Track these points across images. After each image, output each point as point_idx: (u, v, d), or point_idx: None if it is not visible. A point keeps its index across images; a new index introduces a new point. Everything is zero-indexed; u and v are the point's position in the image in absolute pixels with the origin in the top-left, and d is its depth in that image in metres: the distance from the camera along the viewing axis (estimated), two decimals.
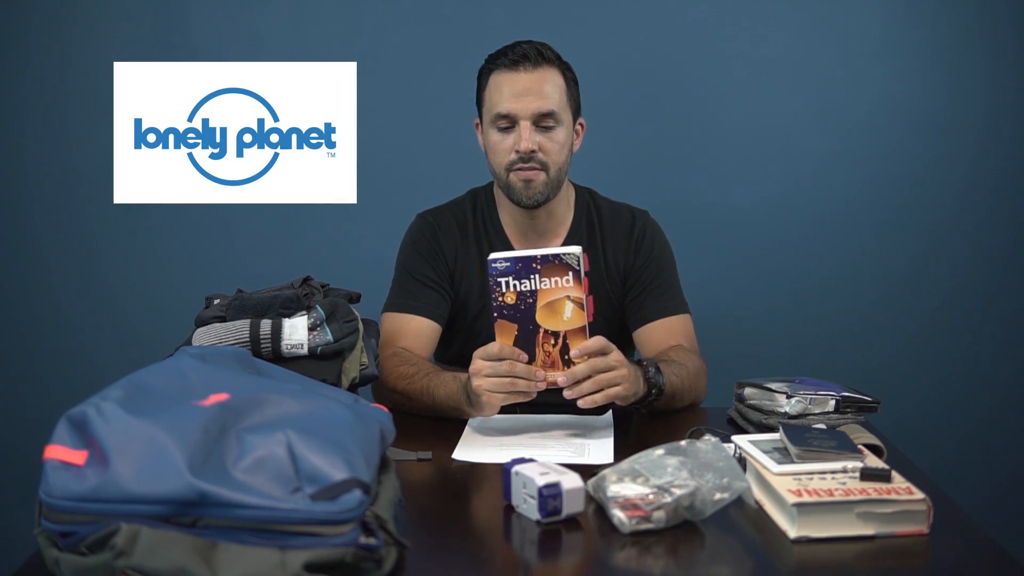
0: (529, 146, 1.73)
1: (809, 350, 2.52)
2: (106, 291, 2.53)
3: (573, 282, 1.46)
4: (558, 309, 1.47)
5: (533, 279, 1.46)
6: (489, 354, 1.49)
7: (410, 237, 1.89)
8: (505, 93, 1.74)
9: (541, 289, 1.46)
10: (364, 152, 2.44)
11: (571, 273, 1.46)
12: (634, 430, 1.58)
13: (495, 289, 1.47)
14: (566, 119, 1.78)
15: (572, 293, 1.46)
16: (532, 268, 1.46)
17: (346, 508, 0.96)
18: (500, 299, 1.47)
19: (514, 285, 1.46)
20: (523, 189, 1.77)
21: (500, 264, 1.46)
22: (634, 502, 1.15)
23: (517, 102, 1.73)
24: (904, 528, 1.14)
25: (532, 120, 1.74)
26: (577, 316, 1.47)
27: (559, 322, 1.47)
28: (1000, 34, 2.48)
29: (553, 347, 1.48)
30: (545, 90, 1.74)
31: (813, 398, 1.50)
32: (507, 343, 1.48)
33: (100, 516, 0.94)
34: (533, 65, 1.74)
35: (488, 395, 1.49)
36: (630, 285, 1.86)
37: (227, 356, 1.20)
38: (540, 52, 1.76)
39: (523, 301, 1.47)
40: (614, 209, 1.90)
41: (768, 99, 2.50)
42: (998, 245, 2.54)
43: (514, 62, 1.75)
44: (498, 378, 1.48)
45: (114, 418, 0.97)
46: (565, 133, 1.78)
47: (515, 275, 1.46)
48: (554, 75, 1.76)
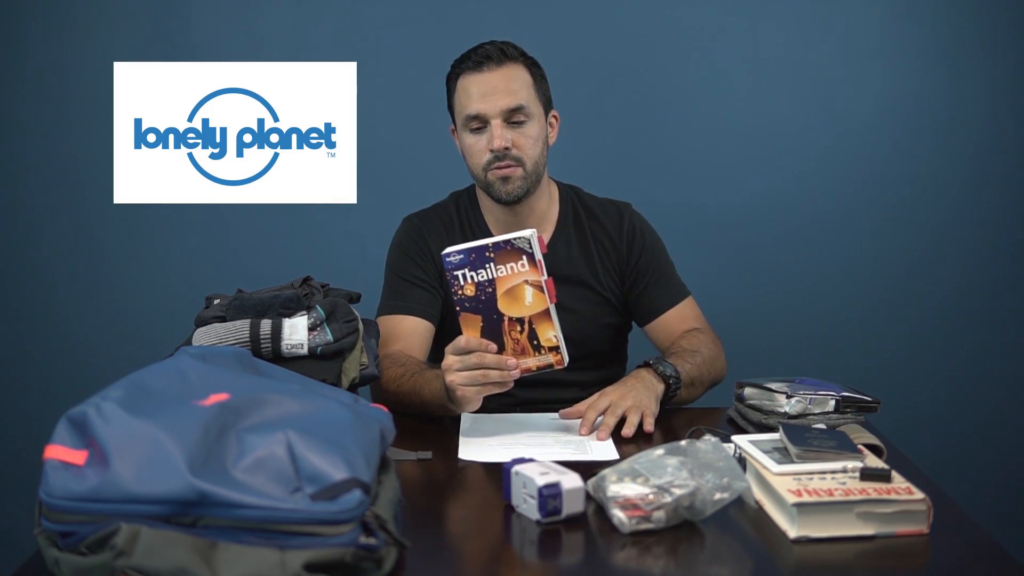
0: (502, 143, 1.74)
1: (809, 350, 2.52)
2: (106, 291, 2.53)
3: (529, 266, 1.45)
4: (518, 295, 1.47)
5: (488, 268, 1.46)
6: (457, 348, 1.49)
7: (397, 240, 1.91)
8: (473, 94, 1.76)
9: (498, 277, 1.46)
10: (364, 152, 2.44)
11: (525, 257, 1.45)
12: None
13: (453, 283, 1.47)
14: (536, 112, 1.79)
15: (529, 277, 1.46)
16: (486, 257, 1.45)
17: (346, 508, 0.96)
18: (460, 292, 1.47)
19: (471, 276, 1.46)
20: (501, 186, 1.78)
21: (454, 258, 1.46)
22: (634, 502, 1.15)
23: (485, 101, 1.75)
24: (904, 528, 1.14)
25: (502, 117, 1.75)
26: (538, 300, 1.46)
27: (521, 308, 1.47)
28: (1000, 34, 2.48)
29: (520, 334, 1.48)
30: (512, 87, 1.76)
31: (813, 398, 1.50)
32: (474, 335, 1.48)
33: (100, 516, 0.94)
34: (497, 63, 1.76)
35: (462, 390, 1.49)
36: (630, 280, 1.88)
37: (227, 356, 1.20)
38: (503, 51, 1.77)
39: (482, 291, 1.46)
40: (600, 205, 1.92)
41: (768, 99, 2.50)
42: (998, 245, 2.54)
43: (478, 63, 1.76)
44: (469, 372, 1.48)
45: (114, 418, 0.97)
46: (537, 127, 1.79)
47: (470, 266, 1.46)
48: (519, 71, 1.78)
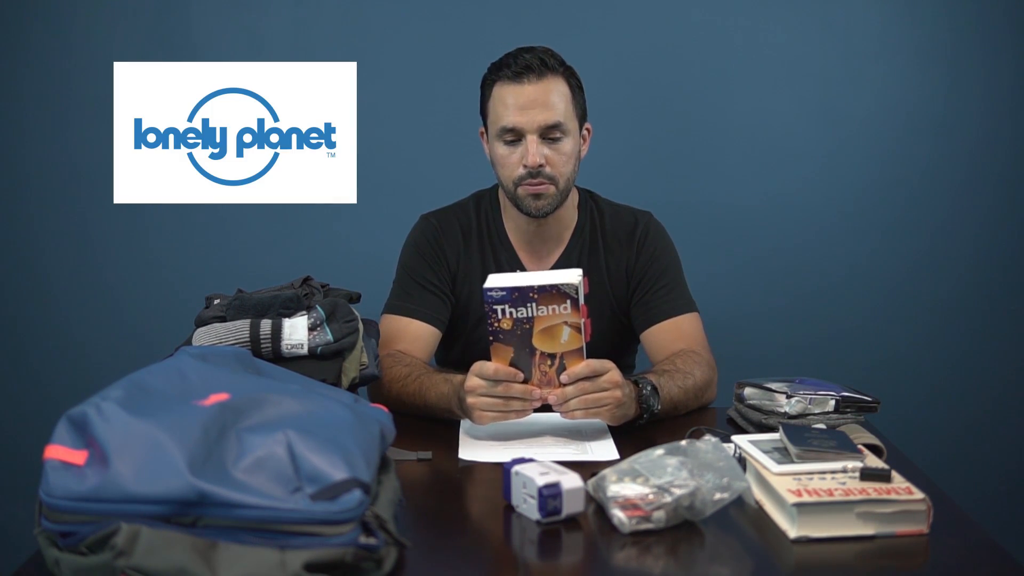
0: (537, 160, 1.70)
1: (809, 350, 2.52)
2: (106, 291, 2.53)
3: (571, 309, 1.44)
4: (555, 334, 1.46)
5: (530, 307, 1.44)
6: (484, 373, 1.48)
7: (412, 239, 1.88)
8: (510, 106, 1.71)
9: (537, 316, 1.45)
10: (364, 152, 2.44)
11: (568, 301, 1.44)
12: (634, 430, 1.58)
13: (491, 315, 1.45)
14: (572, 128, 1.75)
15: (569, 319, 1.45)
16: (528, 298, 1.44)
17: (346, 508, 0.96)
18: (496, 324, 1.45)
19: (510, 312, 1.45)
20: (532, 201, 1.75)
21: (496, 293, 1.44)
22: (634, 502, 1.16)
23: (523, 115, 1.71)
24: (904, 528, 1.14)
25: (538, 133, 1.71)
26: (573, 339, 1.46)
27: (556, 345, 1.46)
28: (999, 34, 2.48)
29: (550, 367, 1.47)
30: (551, 101, 1.71)
31: (813, 398, 1.50)
32: (503, 364, 1.47)
33: (100, 516, 0.94)
34: (538, 76, 1.71)
35: (480, 414, 1.49)
36: (634, 287, 1.84)
37: (227, 356, 1.21)
38: (544, 62, 1.72)
39: (519, 327, 1.45)
40: (616, 211, 1.89)
41: (768, 99, 2.50)
42: (998, 245, 2.54)
43: (518, 74, 1.71)
44: (492, 399, 1.48)
45: (114, 418, 0.97)
46: (572, 143, 1.75)
47: (511, 303, 1.44)
48: (559, 84, 1.73)
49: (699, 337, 1.80)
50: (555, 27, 2.45)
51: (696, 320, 1.82)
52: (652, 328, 1.81)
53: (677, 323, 1.80)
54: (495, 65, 1.77)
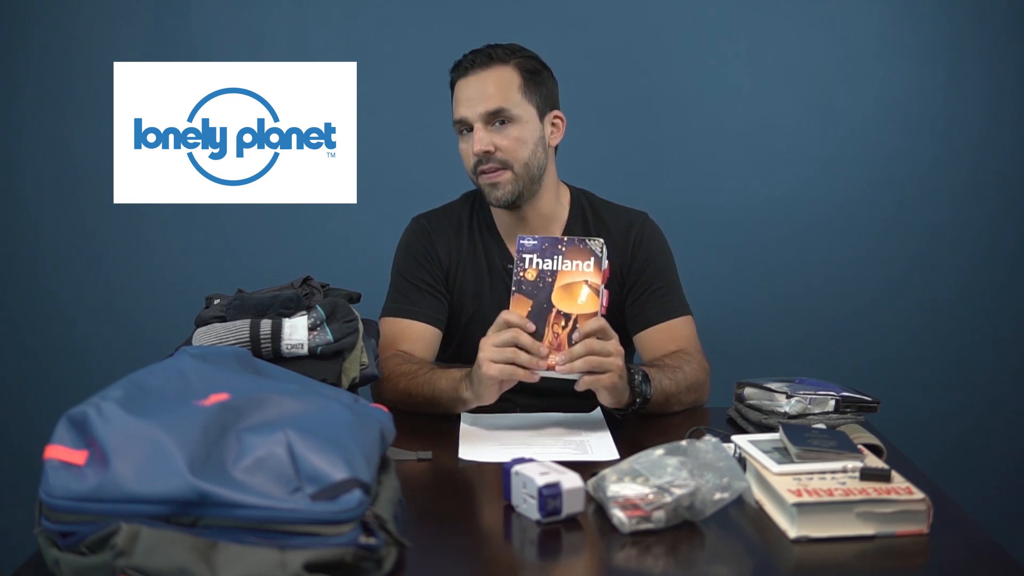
0: (481, 147, 1.74)
1: (809, 350, 2.52)
2: (106, 291, 2.53)
3: (594, 268, 1.51)
4: (574, 292, 1.51)
5: (556, 259, 1.52)
6: (499, 323, 1.51)
7: (405, 241, 1.89)
8: (460, 99, 1.78)
9: (561, 270, 1.52)
10: (364, 152, 2.44)
11: (592, 259, 1.51)
12: (634, 430, 1.58)
13: (519, 264, 1.53)
14: (523, 113, 1.76)
15: (590, 279, 1.51)
16: (557, 249, 1.52)
17: (346, 508, 0.96)
18: (521, 274, 1.52)
19: (537, 263, 1.52)
20: (491, 192, 1.78)
21: (528, 241, 1.53)
22: (634, 502, 1.15)
23: (467, 106, 1.76)
24: (904, 528, 1.14)
25: (483, 121, 1.75)
26: (591, 301, 1.51)
27: (573, 305, 1.51)
28: (999, 34, 2.48)
29: (563, 329, 1.50)
30: (489, 90, 1.75)
31: (813, 398, 1.50)
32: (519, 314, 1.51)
33: (100, 516, 0.94)
34: (482, 67, 1.76)
35: (488, 364, 1.49)
36: (629, 288, 1.84)
37: (227, 356, 1.20)
38: (489, 54, 1.77)
39: (542, 279, 1.52)
40: (611, 211, 1.89)
41: (767, 99, 2.50)
42: (998, 245, 2.54)
43: (465, 68, 1.78)
44: (500, 347, 1.48)
45: (114, 418, 0.97)
46: (526, 129, 1.76)
47: (540, 253, 1.53)
48: (504, 72, 1.76)
49: (692, 340, 1.80)
50: (555, 27, 2.46)
51: (690, 323, 1.82)
52: (646, 331, 1.82)
53: (671, 326, 1.81)
54: (452, 67, 1.82)
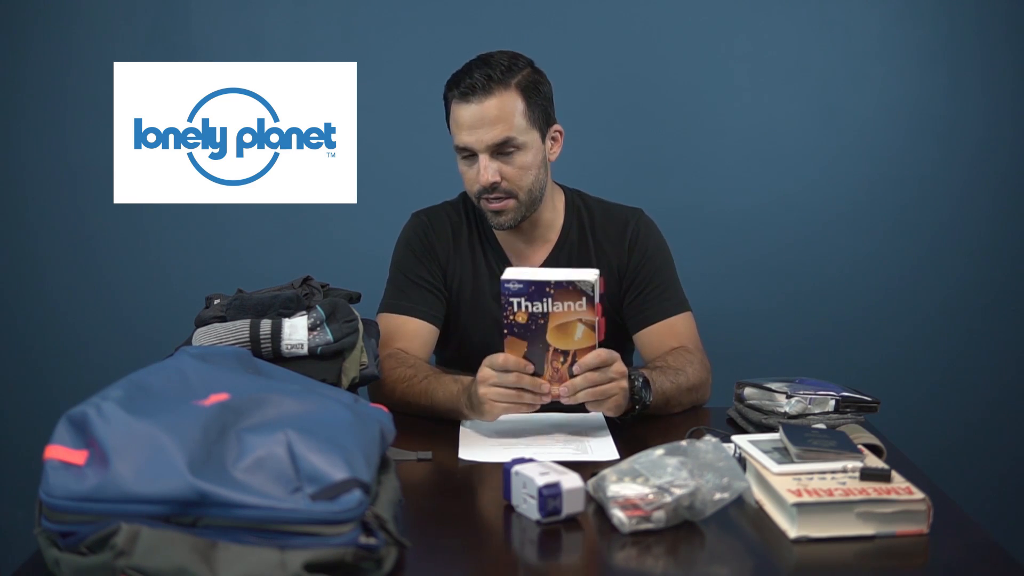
0: (488, 178, 1.70)
1: (809, 350, 2.52)
2: (106, 291, 2.53)
3: (586, 307, 1.44)
4: (569, 331, 1.45)
5: (545, 302, 1.44)
6: (496, 364, 1.48)
7: (404, 237, 1.89)
8: (461, 125, 1.71)
9: (553, 312, 1.44)
10: (364, 152, 2.44)
11: (584, 299, 1.44)
12: (634, 430, 1.58)
13: (507, 307, 1.45)
14: (529, 140, 1.72)
15: (584, 316, 1.45)
16: (545, 292, 1.44)
17: (346, 508, 0.96)
18: (511, 318, 1.45)
19: (526, 306, 1.44)
20: (494, 218, 1.76)
21: (513, 285, 1.44)
22: (634, 502, 1.15)
23: (471, 135, 1.70)
24: (904, 528, 1.14)
25: (489, 152, 1.71)
26: (587, 336, 1.46)
27: (569, 342, 1.46)
28: (999, 34, 2.48)
29: (562, 364, 1.47)
30: (499, 118, 1.69)
31: (813, 398, 1.50)
32: (515, 356, 1.47)
33: (100, 516, 0.94)
34: (484, 93, 1.69)
35: (491, 404, 1.49)
36: (627, 287, 1.83)
37: (227, 356, 1.20)
38: (491, 76, 1.69)
39: (534, 322, 1.45)
40: (606, 209, 1.88)
41: (768, 99, 2.50)
42: (999, 245, 2.54)
43: (464, 93, 1.70)
44: (504, 389, 1.48)
45: (114, 418, 0.97)
46: (530, 155, 1.73)
47: (527, 296, 1.44)
48: (507, 98, 1.70)
49: (693, 337, 1.80)
50: (554, 27, 2.45)
51: (689, 320, 1.82)
52: (646, 329, 1.81)
53: (671, 324, 1.80)
54: (449, 80, 1.75)
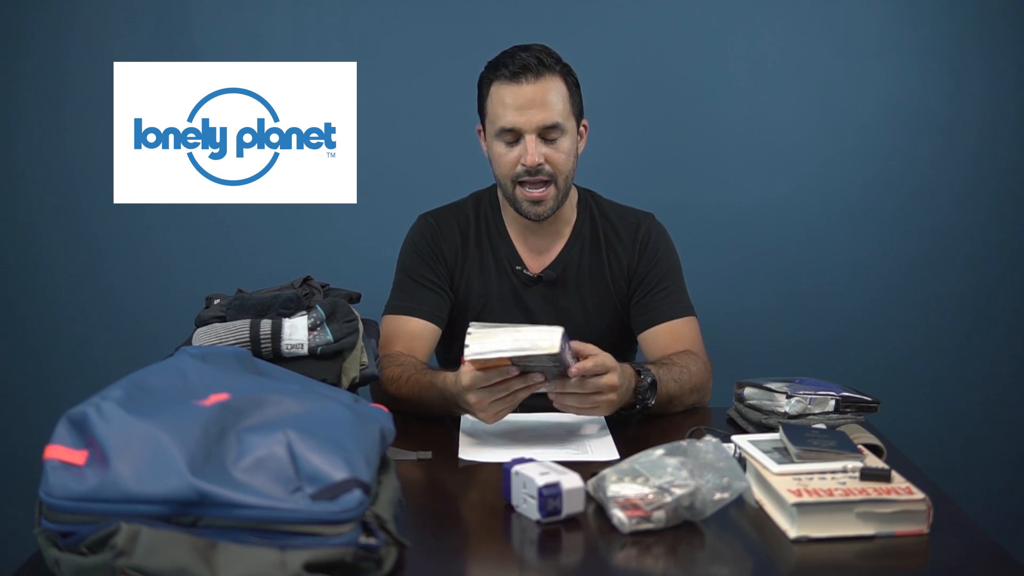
0: (535, 159, 1.71)
1: (809, 350, 2.52)
2: (106, 291, 2.53)
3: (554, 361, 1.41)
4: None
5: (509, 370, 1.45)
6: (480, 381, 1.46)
7: (410, 238, 1.89)
8: (508, 106, 1.72)
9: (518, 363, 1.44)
10: (364, 152, 2.44)
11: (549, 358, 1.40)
12: (634, 430, 1.58)
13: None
14: (570, 126, 1.76)
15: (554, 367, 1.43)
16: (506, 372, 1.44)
17: (346, 508, 0.96)
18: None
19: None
20: (532, 207, 1.76)
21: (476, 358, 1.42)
22: (634, 502, 1.16)
23: (521, 115, 1.71)
24: (904, 528, 1.14)
25: (537, 133, 1.72)
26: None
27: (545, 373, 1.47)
28: (1000, 34, 2.48)
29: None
30: (549, 101, 1.72)
31: (813, 398, 1.50)
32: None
33: (100, 516, 0.94)
34: (535, 76, 1.71)
35: (488, 415, 1.49)
36: (635, 288, 1.85)
37: (227, 356, 1.21)
38: (541, 61, 1.72)
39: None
40: (618, 212, 1.90)
41: (768, 99, 2.50)
42: (999, 245, 2.54)
43: (515, 73, 1.71)
44: (496, 398, 1.47)
45: (114, 418, 0.97)
46: (570, 141, 1.76)
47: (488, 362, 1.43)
48: (557, 83, 1.73)
49: (696, 341, 1.81)
50: (555, 27, 2.45)
51: (694, 324, 1.83)
52: (650, 330, 1.83)
53: (675, 326, 1.81)
54: (492, 64, 1.77)
